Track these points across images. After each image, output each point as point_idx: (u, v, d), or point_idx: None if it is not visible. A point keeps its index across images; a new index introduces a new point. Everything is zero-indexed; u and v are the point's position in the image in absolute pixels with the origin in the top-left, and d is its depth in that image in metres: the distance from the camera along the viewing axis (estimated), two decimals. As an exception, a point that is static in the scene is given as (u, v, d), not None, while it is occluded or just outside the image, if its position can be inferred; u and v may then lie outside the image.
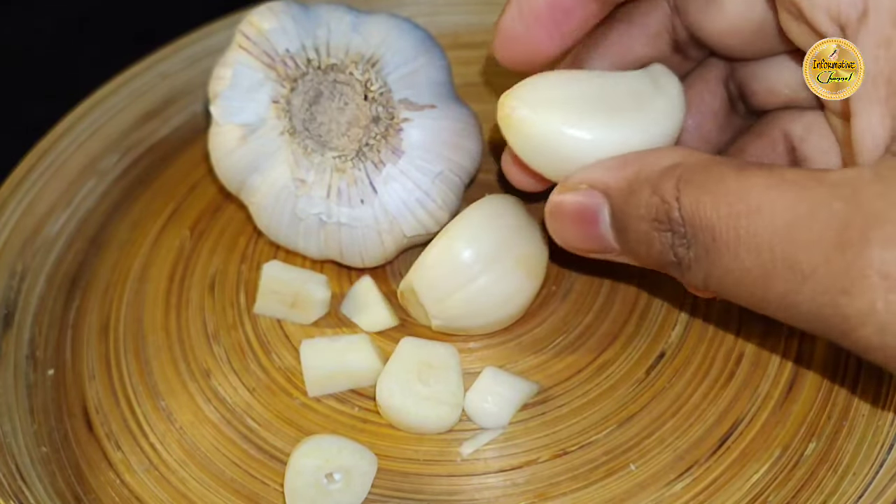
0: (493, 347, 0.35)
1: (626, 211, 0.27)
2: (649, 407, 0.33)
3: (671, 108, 0.30)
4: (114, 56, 0.47)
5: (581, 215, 0.28)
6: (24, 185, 0.41)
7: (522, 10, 0.30)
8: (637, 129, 0.29)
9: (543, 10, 0.30)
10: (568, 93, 0.29)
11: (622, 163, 0.28)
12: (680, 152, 0.27)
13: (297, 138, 0.35)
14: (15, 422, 0.34)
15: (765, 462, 0.31)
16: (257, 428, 0.34)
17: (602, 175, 0.28)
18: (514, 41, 0.31)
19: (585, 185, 0.28)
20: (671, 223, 0.26)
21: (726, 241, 0.24)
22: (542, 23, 0.30)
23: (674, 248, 0.26)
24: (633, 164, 0.27)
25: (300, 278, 0.36)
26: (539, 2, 0.30)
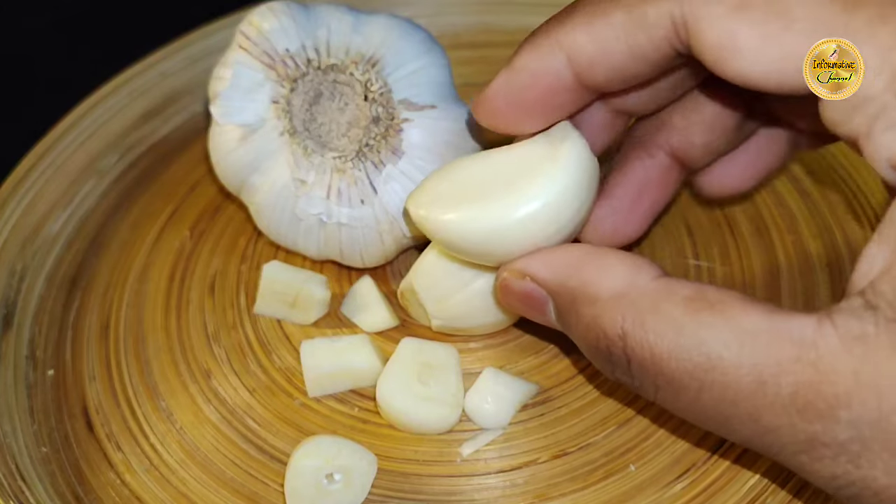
0: (493, 348, 0.35)
1: (568, 318, 0.27)
2: (648, 408, 0.33)
3: (556, 175, 0.29)
4: (114, 56, 0.47)
5: (528, 302, 0.29)
6: (24, 185, 0.41)
7: (510, 92, 0.30)
8: (517, 206, 0.28)
9: (533, 100, 0.29)
10: (453, 186, 0.30)
11: (562, 267, 0.27)
12: (625, 273, 0.26)
13: (297, 139, 0.35)
14: (15, 422, 0.34)
15: (763, 464, 0.31)
16: (257, 428, 0.34)
17: (543, 274, 0.28)
18: (497, 117, 0.30)
19: (528, 276, 0.28)
20: (611, 356, 0.26)
21: (685, 387, 0.24)
22: (530, 110, 0.30)
23: (614, 372, 0.26)
24: (574, 274, 0.27)
25: (300, 278, 0.36)
26: (530, 92, 0.29)
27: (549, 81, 0.29)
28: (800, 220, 0.38)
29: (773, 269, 0.37)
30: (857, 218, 0.38)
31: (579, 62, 0.28)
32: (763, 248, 0.37)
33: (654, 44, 0.27)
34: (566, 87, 0.29)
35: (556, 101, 0.29)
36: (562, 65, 0.28)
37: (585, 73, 0.28)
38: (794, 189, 0.40)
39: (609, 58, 0.27)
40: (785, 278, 0.36)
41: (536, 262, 0.28)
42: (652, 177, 0.33)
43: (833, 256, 0.37)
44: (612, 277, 0.26)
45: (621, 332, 0.25)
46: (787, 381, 0.23)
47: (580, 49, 0.28)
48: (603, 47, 0.27)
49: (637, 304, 0.25)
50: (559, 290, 0.27)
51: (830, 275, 0.36)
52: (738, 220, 0.39)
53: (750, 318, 0.23)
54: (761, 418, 0.23)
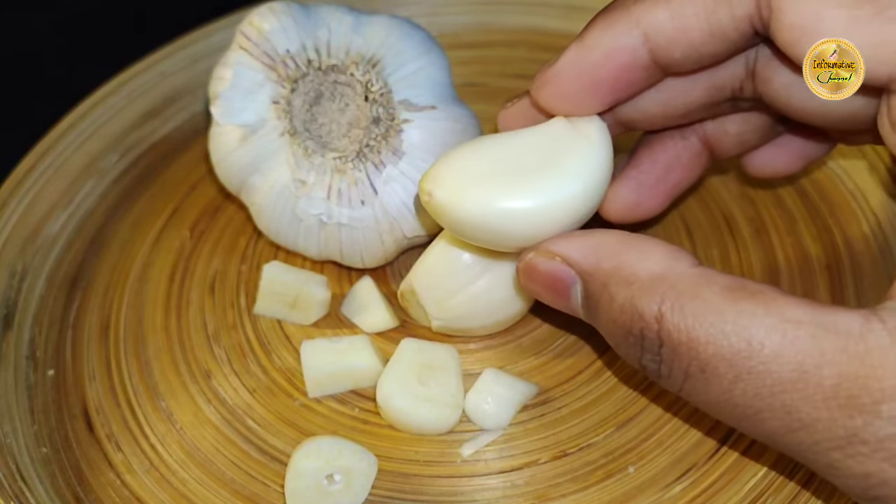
0: (493, 349, 0.35)
1: (598, 301, 0.27)
2: (648, 409, 0.33)
3: (592, 155, 0.29)
4: (114, 56, 0.47)
5: (552, 284, 0.28)
6: (25, 185, 0.41)
7: (581, 69, 0.29)
8: (557, 185, 0.28)
9: (605, 78, 0.29)
10: (481, 164, 0.29)
11: (599, 250, 0.27)
12: (663, 258, 0.26)
13: (297, 139, 0.35)
14: (15, 422, 0.34)
15: (763, 465, 0.31)
16: (258, 429, 0.34)
17: (577, 255, 0.27)
18: (563, 96, 0.29)
19: (559, 258, 0.28)
20: (644, 341, 0.25)
21: (719, 375, 0.24)
22: (599, 88, 0.29)
23: (641, 360, 0.26)
24: (610, 256, 0.26)
25: (300, 279, 0.36)
26: (602, 70, 0.28)
27: (624, 59, 0.28)
28: (799, 222, 0.38)
29: (773, 270, 0.37)
30: (857, 219, 0.38)
31: (657, 40, 0.27)
32: (762, 250, 0.37)
33: (736, 22, 0.26)
34: (640, 66, 0.28)
35: (628, 79, 0.29)
36: (638, 42, 0.28)
37: (662, 52, 0.28)
38: (794, 190, 0.40)
39: (688, 36, 0.27)
40: (784, 279, 0.36)
41: (571, 244, 0.27)
42: (681, 157, 0.33)
43: (832, 258, 0.37)
44: (651, 261, 0.26)
45: (658, 313, 0.24)
46: (831, 373, 0.22)
47: (659, 26, 0.27)
48: (683, 24, 0.27)
49: (676, 288, 0.24)
50: (592, 271, 0.27)
51: (830, 276, 0.36)
52: (737, 221, 0.39)
53: (793, 309, 0.23)
54: (798, 410, 0.23)
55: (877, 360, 0.22)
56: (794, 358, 0.22)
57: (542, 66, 0.30)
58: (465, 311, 0.34)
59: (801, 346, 0.22)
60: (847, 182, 0.39)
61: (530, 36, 0.48)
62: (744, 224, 0.39)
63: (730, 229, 0.38)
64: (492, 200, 0.28)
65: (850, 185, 0.39)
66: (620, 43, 0.28)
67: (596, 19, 0.29)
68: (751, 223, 0.39)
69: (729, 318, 0.23)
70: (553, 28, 0.48)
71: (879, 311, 0.23)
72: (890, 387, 0.22)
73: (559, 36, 0.48)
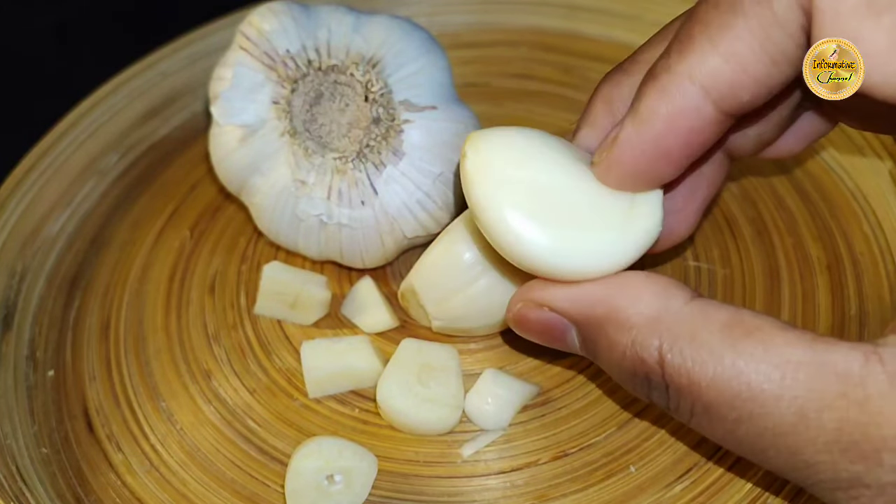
0: (493, 349, 0.35)
1: (597, 345, 0.26)
2: (649, 409, 0.33)
3: (632, 236, 0.27)
4: (114, 56, 0.47)
5: (547, 332, 0.28)
6: (24, 185, 0.41)
7: (645, 145, 0.26)
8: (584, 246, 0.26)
9: (674, 147, 0.26)
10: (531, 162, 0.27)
11: (586, 296, 0.26)
12: (655, 297, 0.25)
13: (297, 139, 0.35)
14: (15, 423, 0.34)
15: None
16: (258, 429, 0.34)
17: (565, 305, 0.27)
18: (632, 176, 0.27)
19: (548, 308, 0.27)
20: (650, 382, 0.25)
21: (722, 416, 0.24)
22: (671, 158, 0.27)
23: (651, 396, 0.26)
24: (600, 302, 0.26)
25: (300, 279, 0.36)
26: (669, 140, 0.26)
27: (689, 122, 0.26)
28: (800, 223, 0.38)
29: (774, 271, 0.37)
30: (857, 220, 0.38)
31: (718, 89, 0.25)
32: (763, 251, 0.37)
33: (794, 39, 0.24)
34: (708, 122, 0.26)
35: (699, 141, 0.26)
36: (699, 99, 0.25)
37: (727, 99, 0.25)
38: (795, 191, 0.40)
39: (750, 73, 0.25)
40: (785, 280, 0.36)
41: (557, 293, 0.27)
42: (704, 172, 0.32)
43: (833, 259, 0.37)
44: (644, 303, 0.25)
45: (659, 358, 0.24)
46: (831, 417, 0.22)
47: (715, 74, 0.25)
48: (740, 63, 0.24)
49: (673, 331, 0.24)
50: (585, 319, 0.26)
51: (830, 277, 0.36)
52: (738, 222, 0.39)
53: (792, 348, 0.23)
54: (801, 452, 0.23)
55: (876, 406, 0.22)
56: (795, 402, 0.22)
57: (600, 148, 0.28)
58: (466, 311, 0.34)
59: (801, 390, 0.22)
60: (848, 182, 0.39)
61: (531, 36, 0.48)
62: (744, 224, 0.39)
63: (731, 230, 0.38)
64: (510, 214, 0.27)
65: (850, 185, 0.39)
66: (680, 106, 0.25)
67: (642, 88, 0.26)
68: (752, 224, 0.38)
69: (727, 361, 0.23)
70: (554, 28, 0.48)
71: (880, 350, 0.22)
72: (891, 436, 0.22)
73: (560, 35, 0.47)
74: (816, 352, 0.23)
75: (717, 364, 0.23)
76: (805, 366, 0.22)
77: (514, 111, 0.45)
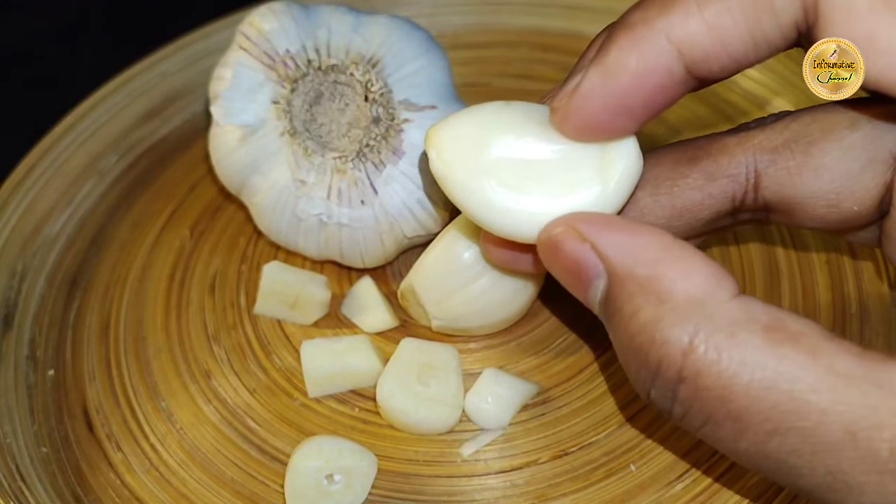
0: (493, 348, 0.35)
1: (619, 308, 0.24)
2: (649, 407, 0.33)
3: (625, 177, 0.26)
4: (114, 56, 0.47)
5: (574, 270, 0.25)
6: (25, 185, 0.41)
7: (609, 97, 0.25)
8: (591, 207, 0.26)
9: (638, 102, 0.25)
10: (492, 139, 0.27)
11: (638, 252, 0.24)
12: (705, 281, 0.23)
13: (297, 139, 0.35)
14: (15, 422, 0.34)
15: (765, 463, 0.31)
16: (257, 429, 0.34)
17: (611, 251, 0.24)
18: (590, 127, 0.26)
19: (589, 243, 0.24)
20: (658, 370, 0.23)
21: (752, 426, 0.21)
22: (633, 112, 0.26)
23: (650, 391, 0.23)
24: (647, 263, 0.23)
25: (300, 279, 0.36)
26: (634, 95, 0.25)
27: (658, 80, 0.25)
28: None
29: (773, 267, 0.37)
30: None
31: (692, 55, 0.24)
32: (762, 247, 0.37)
33: (782, 30, 0.23)
34: (676, 83, 0.25)
35: (664, 98, 0.25)
36: (672, 59, 0.24)
37: (699, 66, 0.25)
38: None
39: (728, 48, 0.24)
40: (785, 276, 0.36)
41: (608, 236, 0.24)
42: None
43: (833, 254, 0.37)
44: (692, 281, 0.23)
45: (688, 347, 0.22)
46: (885, 437, 0.20)
47: (694, 40, 0.24)
48: (721, 36, 0.24)
49: (714, 321, 0.22)
50: (624, 275, 0.23)
51: (830, 273, 0.36)
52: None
53: (842, 361, 0.21)
54: (843, 473, 0.21)
55: None
56: (843, 418, 0.20)
57: (556, 92, 0.27)
58: (465, 310, 0.34)
59: (852, 406, 0.20)
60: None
61: (531, 36, 0.48)
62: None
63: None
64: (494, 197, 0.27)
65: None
66: (652, 63, 0.24)
67: (614, 35, 0.25)
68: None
69: (770, 366, 0.21)
70: (554, 28, 0.48)
71: None
72: None
73: (560, 36, 0.47)
74: (867, 366, 0.21)
75: (757, 368, 0.21)
76: (856, 380, 0.21)
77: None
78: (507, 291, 0.33)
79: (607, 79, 0.25)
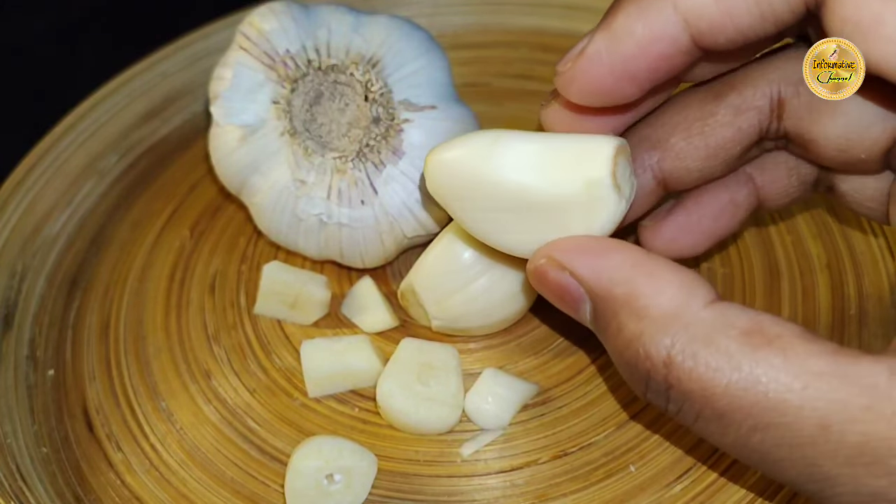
0: (493, 348, 0.35)
1: (607, 326, 0.25)
2: (649, 408, 0.33)
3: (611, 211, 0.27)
4: (114, 56, 0.47)
5: (562, 296, 0.26)
6: (24, 185, 0.41)
7: (614, 62, 0.26)
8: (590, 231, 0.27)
9: (642, 69, 0.26)
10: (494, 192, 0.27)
11: (612, 272, 0.25)
12: (678, 292, 0.24)
13: (297, 139, 0.35)
14: (15, 422, 0.34)
15: (764, 463, 0.31)
16: (257, 429, 0.34)
17: (587, 274, 0.25)
18: (594, 92, 0.27)
19: (567, 272, 0.26)
20: (650, 380, 0.24)
21: (735, 424, 0.23)
22: (636, 79, 0.26)
23: (646, 395, 0.25)
24: (623, 282, 0.24)
25: (300, 279, 0.36)
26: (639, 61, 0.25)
27: (663, 48, 0.25)
28: (799, 220, 0.38)
29: (773, 269, 0.37)
30: (857, 218, 0.38)
31: (699, 25, 0.25)
32: (763, 249, 0.37)
33: (791, 6, 0.24)
34: (681, 52, 0.25)
35: (668, 67, 0.26)
36: (678, 29, 0.25)
37: (705, 37, 0.25)
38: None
39: (735, 21, 0.24)
40: (785, 278, 0.36)
41: (583, 261, 0.25)
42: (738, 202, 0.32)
43: (832, 256, 0.37)
44: (665, 295, 0.24)
45: (667, 358, 0.23)
46: (855, 430, 0.21)
47: (702, 11, 0.24)
48: (729, 8, 0.24)
49: (689, 331, 0.23)
50: (603, 295, 0.25)
51: (830, 275, 0.36)
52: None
53: (814, 359, 0.22)
54: (820, 465, 0.22)
55: None
56: (816, 413, 0.21)
57: (566, 58, 0.27)
58: (465, 310, 0.34)
59: (824, 402, 0.21)
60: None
61: (531, 36, 0.48)
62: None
63: (730, 229, 0.38)
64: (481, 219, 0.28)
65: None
66: (657, 31, 0.25)
67: (622, 2, 0.26)
68: (751, 222, 0.38)
69: (745, 369, 0.22)
70: (553, 28, 0.48)
71: None
72: None
73: (560, 36, 0.48)
74: (839, 363, 0.22)
75: (733, 371, 0.22)
76: (828, 377, 0.22)
77: (514, 111, 0.45)
78: (507, 291, 0.33)
79: (612, 44, 0.25)
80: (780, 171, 0.31)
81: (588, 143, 0.27)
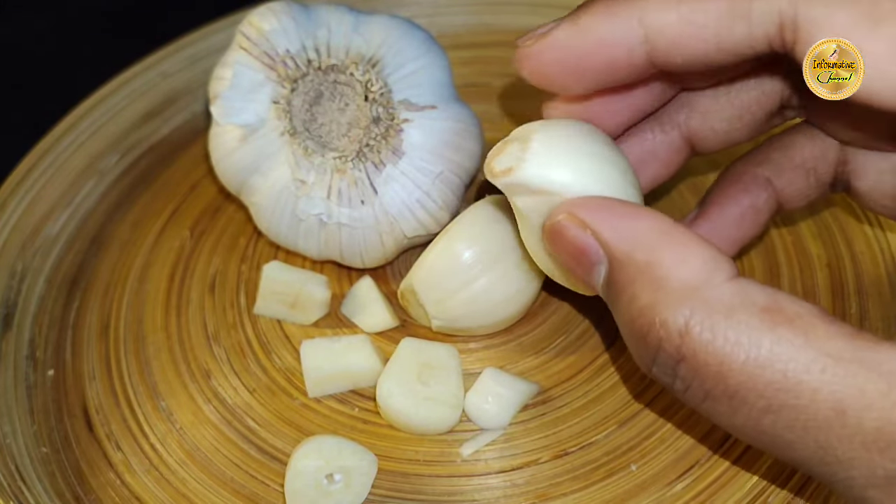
0: (493, 348, 0.35)
1: (620, 292, 0.24)
2: (650, 407, 0.33)
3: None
4: (114, 56, 0.47)
5: (577, 255, 0.25)
6: (24, 185, 0.41)
7: (569, 53, 0.26)
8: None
9: (592, 67, 0.26)
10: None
11: (637, 237, 0.24)
12: (701, 267, 0.23)
13: (297, 139, 0.35)
14: (15, 422, 0.34)
15: (765, 462, 0.31)
16: (257, 428, 0.34)
17: (610, 236, 0.25)
18: (544, 75, 0.27)
19: (590, 230, 0.25)
20: (659, 351, 0.23)
21: (747, 403, 0.22)
22: (584, 76, 0.27)
23: (651, 366, 0.24)
24: (646, 249, 0.24)
25: (300, 279, 0.36)
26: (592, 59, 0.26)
27: (618, 53, 0.26)
28: (799, 220, 0.38)
29: (773, 268, 0.37)
30: (857, 217, 0.38)
31: (657, 42, 0.25)
32: (763, 248, 0.37)
33: (752, 41, 0.24)
34: (633, 63, 0.26)
35: (617, 73, 0.27)
36: (637, 40, 0.25)
37: (661, 55, 0.26)
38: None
39: (692, 45, 0.25)
40: (785, 278, 0.36)
41: (607, 221, 0.25)
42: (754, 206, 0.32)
43: (833, 256, 0.37)
44: (688, 268, 0.23)
45: (684, 328, 0.23)
46: (872, 416, 0.21)
47: (663, 29, 0.25)
48: (690, 32, 0.25)
49: (709, 304, 0.23)
50: (622, 259, 0.24)
51: (830, 274, 0.36)
52: (738, 220, 0.39)
53: (834, 341, 0.22)
54: (833, 448, 0.22)
55: None
56: (833, 397, 0.21)
57: (532, 34, 0.28)
58: (465, 310, 0.33)
59: (842, 386, 0.21)
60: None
61: (530, 36, 0.48)
62: (744, 223, 0.38)
63: (730, 228, 0.38)
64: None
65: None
66: (617, 37, 0.26)
67: (596, 3, 0.26)
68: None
69: (765, 346, 0.22)
70: (553, 28, 0.48)
71: None
72: None
73: (559, 36, 0.47)
74: (859, 348, 0.22)
75: (753, 347, 0.22)
76: (847, 361, 0.21)
77: (515, 111, 0.45)
78: (507, 291, 0.33)
79: (573, 36, 0.26)
80: (797, 172, 0.32)
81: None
